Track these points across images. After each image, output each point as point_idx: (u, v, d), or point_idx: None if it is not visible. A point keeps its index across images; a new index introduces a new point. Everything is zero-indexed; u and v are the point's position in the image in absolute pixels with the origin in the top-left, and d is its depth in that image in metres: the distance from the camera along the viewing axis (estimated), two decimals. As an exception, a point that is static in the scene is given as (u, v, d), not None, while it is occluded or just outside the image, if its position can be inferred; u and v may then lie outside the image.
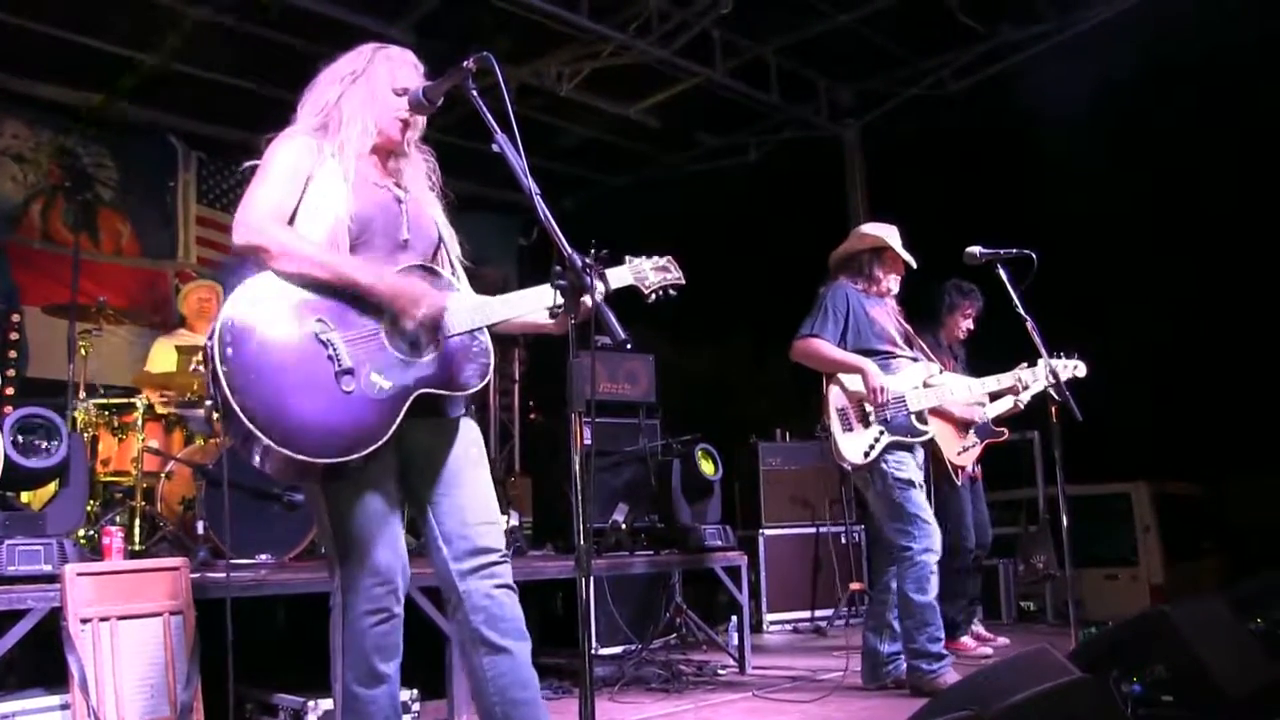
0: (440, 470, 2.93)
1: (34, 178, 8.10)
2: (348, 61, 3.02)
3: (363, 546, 2.79)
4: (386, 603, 2.80)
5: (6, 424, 4.23)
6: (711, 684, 5.41)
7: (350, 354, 2.71)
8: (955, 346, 6.46)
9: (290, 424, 2.59)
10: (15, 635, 3.73)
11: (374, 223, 2.88)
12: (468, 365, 2.88)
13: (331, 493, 2.79)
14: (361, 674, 2.79)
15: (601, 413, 6.77)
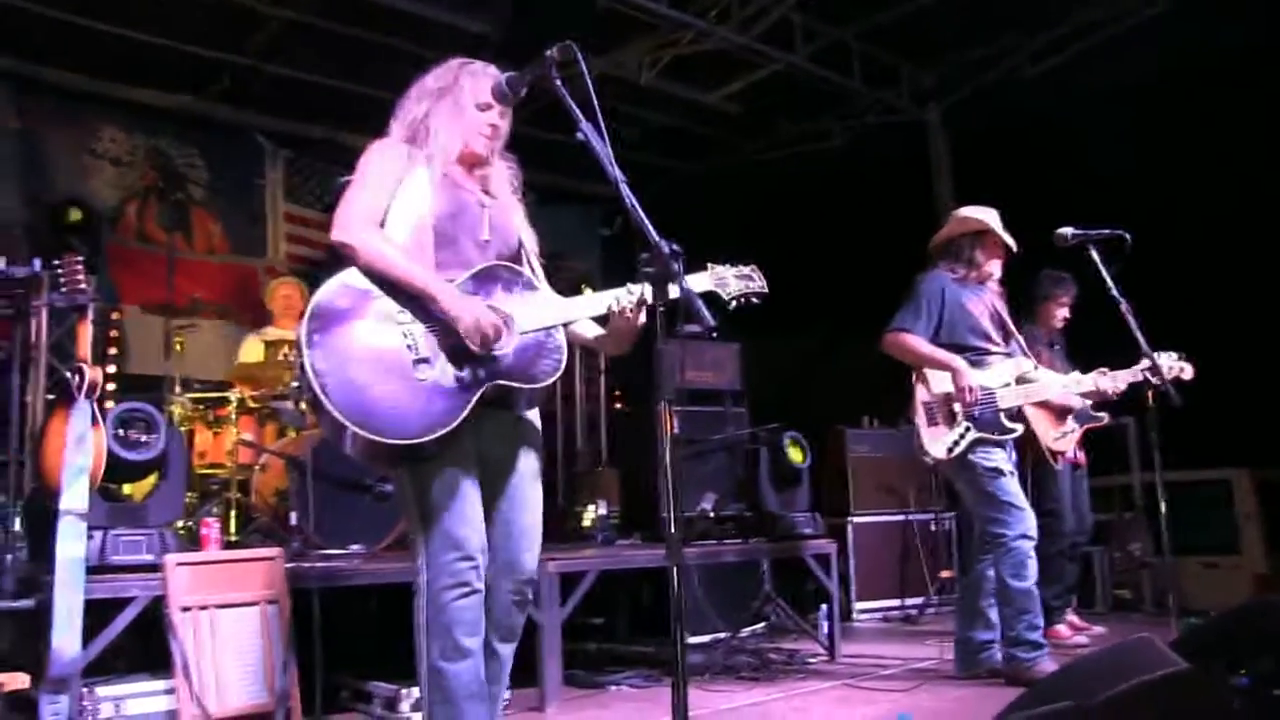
0: (505, 483, 3.09)
1: (130, 180, 8.30)
2: (435, 78, 3.20)
3: (445, 523, 2.90)
4: (468, 577, 2.89)
5: (109, 419, 4.33)
6: (802, 672, 5.38)
7: (427, 344, 2.88)
8: (1052, 336, 6.33)
9: (368, 408, 2.76)
10: (122, 622, 3.86)
11: (455, 224, 3.06)
12: (540, 360, 3.02)
13: (415, 473, 2.92)
14: (446, 648, 2.88)
15: (688, 401, 6.76)
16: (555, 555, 5.10)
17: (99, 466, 4.12)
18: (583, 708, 4.75)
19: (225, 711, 3.91)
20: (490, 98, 3.09)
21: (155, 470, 4.55)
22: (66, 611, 3.61)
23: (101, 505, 4.17)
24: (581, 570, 5.01)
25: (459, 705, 2.88)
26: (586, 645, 5.92)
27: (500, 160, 3.28)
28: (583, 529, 6.88)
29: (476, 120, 3.13)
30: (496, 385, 2.92)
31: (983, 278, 5.06)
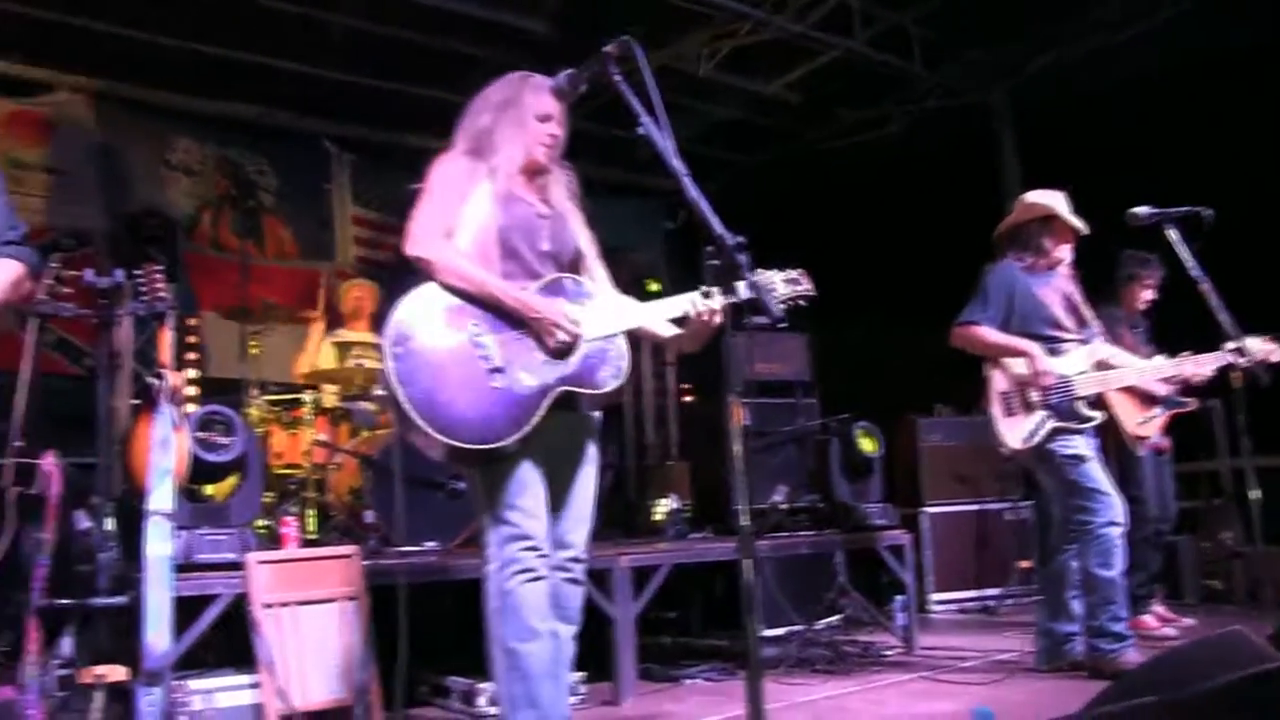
0: (564, 471, 3.28)
1: (203, 189, 8.46)
2: (498, 90, 3.36)
3: (512, 515, 3.09)
4: (534, 564, 3.07)
5: (191, 422, 4.44)
6: (878, 665, 5.35)
7: (501, 354, 3.07)
8: (1135, 318, 6.21)
9: (446, 414, 2.97)
10: (208, 618, 3.97)
11: (517, 235, 3.22)
12: (604, 367, 3.21)
13: (487, 469, 3.12)
14: (519, 630, 3.04)
15: (757, 393, 6.76)
16: (628, 550, 5.14)
17: (182, 468, 4.23)
18: (658, 701, 4.77)
19: (308, 705, 3.99)
20: (551, 109, 3.26)
21: (235, 471, 4.66)
22: (156, 608, 3.71)
23: (186, 506, 4.29)
24: (654, 564, 5.04)
25: (534, 682, 3.02)
26: (661, 639, 5.94)
27: (559, 169, 3.43)
28: (654, 523, 6.90)
29: (538, 131, 3.28)
30: (564, 391, 3.11)
31: (1052, 264, 4.98)
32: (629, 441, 9.29)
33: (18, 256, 2.70)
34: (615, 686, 4.75)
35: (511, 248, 3.20)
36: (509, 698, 3.05)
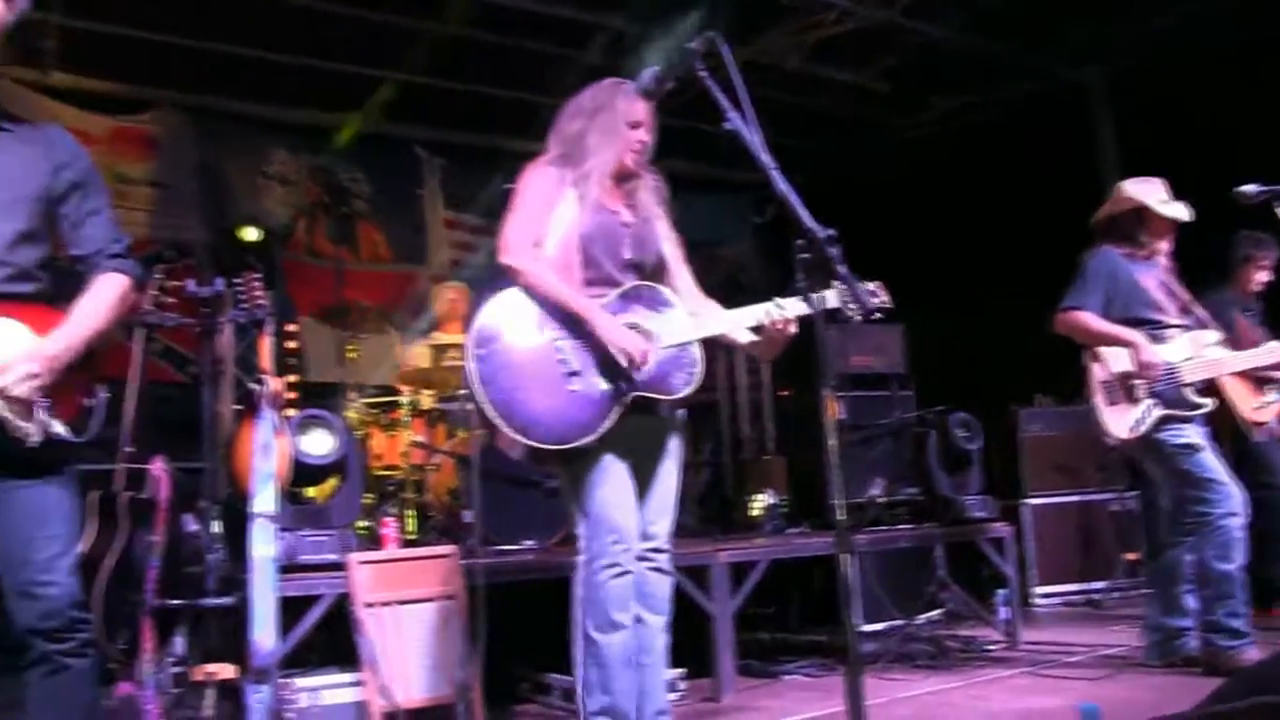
0: (648, 466, 3.37)
1: (298, 198, 8.64)
2: (590, 96, 3.45)
3: (601, 511, 3.22)
4: (622, 559, 3.20)
5: (291, 426, 4.53)
6: (981, 660, 5.27)
7: (578, 358, 3.20)
8: (1248, 301, 6.00)
9: (524, 414, 3.13)
10: (311, 618, 4.06)
11: (599, 244, 3.33)
12: (677, 373, 3.31)
13: (573, 468, 3.26)
14: (601, 622, 3.18)
15: (852, 386, 6.72)
16: (725, 546, 5.13)
17: (284, 472, 4.32)
18: (757, 697, 4.76)
19: (411, 703, 4.05)
20: (641, 116, 3.36)
21: (335, 473, 4.74)
22: (263, 608, 3.80)
23: (288, 508, 4.38)
24: (752, 560, 5.03)
25: (610, 670, 3.17)
26: (759, 635, 5.92)
27: (647, 174, 3.50)
28: (752, 519, 6.88)
29: (629, 138, 3.37)
30: (637, 396, 3.22)
31: (1151, 255, 4.86)
32: (725, 437, 9.28)
33: (121, 269, 2.78)
34: (714, 682, 4.75)
35: (592, 256, 3.31)
36: (584, 681, 3.21)
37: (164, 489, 4.16)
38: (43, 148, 2.72)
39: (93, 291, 2.73)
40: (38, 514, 2.58)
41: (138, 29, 7.05)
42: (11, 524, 2.57)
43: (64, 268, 2.80)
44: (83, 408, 2.68)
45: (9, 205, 2.62)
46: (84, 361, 2.71)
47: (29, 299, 2.63)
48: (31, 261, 2.66)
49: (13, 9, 2.57)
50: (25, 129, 2.74)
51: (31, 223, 2.65)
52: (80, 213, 2.76)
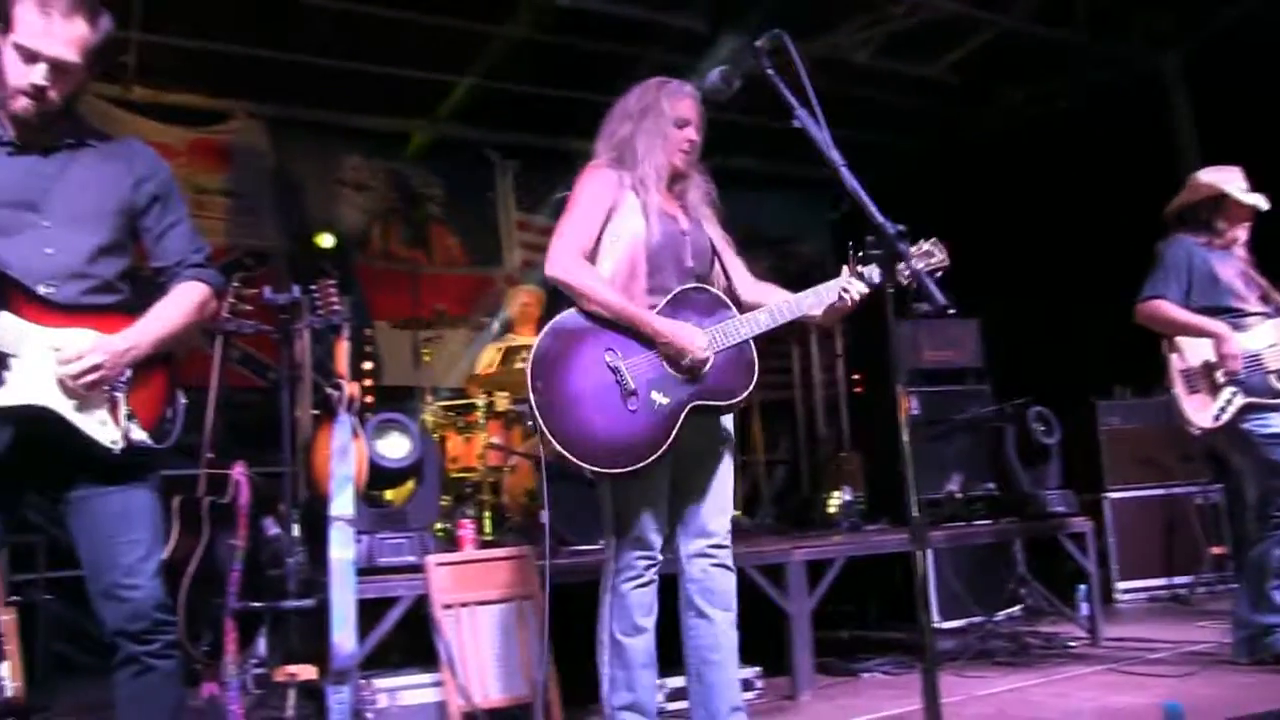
0: (701, 470, 3.41)
1: (373, 203, 8.76)
2: (636, 98, 3.46)
3: (635, 528, 3.29)
4: (647, 573, 3.31)
5: (368, 430, 4.59)
6: (1062, 657, 5.20)
7: (634, 377, 3.21)
8: None
9: (588, 442, 3.14)
10: (390, 620, 4.11)
11: (665, 253, 3.35)
12: (735, 377, 3.33)
13: (622, 490, 3.30)
14: (626, 626, 3.29)
15: (927, 381, 6.66)
16: (801, 544, 5.11)
17: (362, 475, 4.38)
18: (835, 695, 4.74)
19: (489, 703, 4.08)
20: (689, 114, 3.37)
21: (412, 476, 4.79)
22: (342, 610, 3.86)
23: (366, 511, 4.44)
24: (829, 558, 5.00)
25: (633, 671, 3.29)
26: (838, 633, 5.89)
27: (697, 175, 3.52)
28: (829, 516, 6.85)
29: (677, 138, 3.39)
30: (696, 406, 3.24)
31: (1228, 244, 4.76)
32: (801, 435, 9.24)
33: (201, 278, 2.84)
34: (792, 681, 4.73)
35: (658, 265, 3.33)
36: (611, 679, 3.32)
37: (244, 493, 4.24)
38: (124, 162, 2.78)
39: (169, 297, 2.79)
40: (123, 519, 2.65)
41: (213, 42, 7.19)
42: (98, 529, 2.64)
43: (148, 279, 2.87)
44: (164, 415, 2.74)
45: (91, 219, 2.68)
46: (164, 369, 2.77)
47: (109, 310, 2.69)
48: (112, 273, 2.72)
49: (97, 31, 2.63)
50: (107, 144, 2.80)
51: (113, 236, 2.72)
52: (161, 225, 2.82)
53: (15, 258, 2.56)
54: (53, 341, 2.55)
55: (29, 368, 2.52)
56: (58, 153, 2.69)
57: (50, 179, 2.66)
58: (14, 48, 2.55)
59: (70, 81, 2.62)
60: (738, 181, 9.65)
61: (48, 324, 2.56)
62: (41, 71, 2.55)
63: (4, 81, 2.58)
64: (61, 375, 2.52)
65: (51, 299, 2.59)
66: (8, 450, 2.55)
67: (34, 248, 2.60)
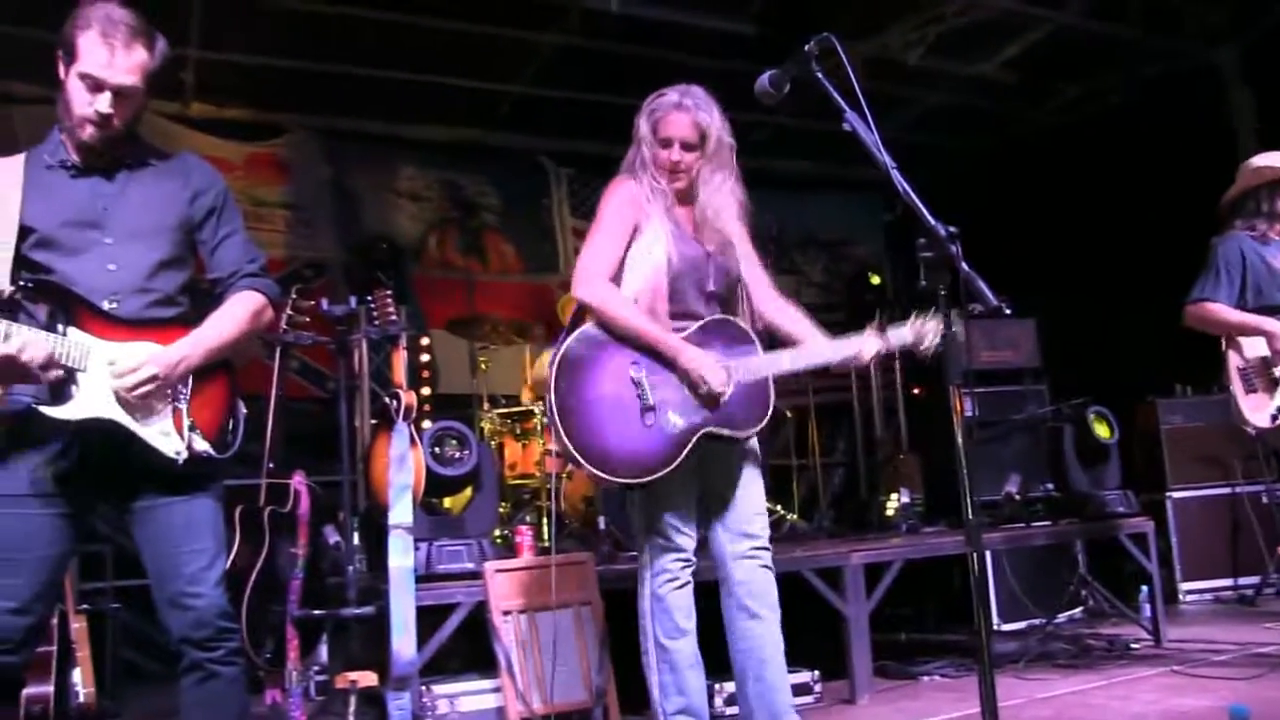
0: (729, 476, 3.43)
1: (428, 213, 8.83)
2: (638, 120, 3.48)
3: (665, 531, 3.33)
4: (683, 574, 3.34)
5: (425, 438, 4.65)
6: (1124, 659, 5.13)
7: (654, 394, 3.24)
8: None
9: (601, 449, 3.17)
10: (450, 626, 4.15)
11: (687, 280, 3.37)
12: (750, 411, 3.35)
13: (648, 494, 3.32)
14: (669, 629, 3.32)
15: (984, 382, 6.62)
16: (859, 546, 5.09)
17: (420, 483, 4.44)
18: (894, 699, 4.71)
19: (548, 709, 4.11)
20: (671, 132, 3.36)
21: (470, 484, 4.84)
22: (402, 617, 3.90)
23: (424, 519, 4.49)
24: (886, 560, 4.98)
25: (682, 673, 3.31)
26: (896, 636, 5.86)
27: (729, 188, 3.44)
28: (887, 519, 6.82)
29: (661, 159, 3.39)
30: (709, 433, 3.27)
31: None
32: (858, 437, 9.20)
33: (255, 287, 2.90)
34: (850, 684, 4.71)
35: (679, 290, 3.35)
36: (661, 685, 3.33)
37: (304, 503, 4.31)
38: (181, 177, 2.85)
39: (223, 307, 2.85)
40: (186, 529, 2.71)
41: (267, 57, 7.30)
42: (162, 538, 2.70)
43: (206, 290, 2.93)
44: (225, 424, 2.80)
45: (150, 235, 2.75)
46: (225, 379, 2.83)
47: (170, 323, 2.75)
48: (173, 287, 2.79)
49: (155, 57, 2.71)
50: (164, 161, 2.87)
51: (172, 250, 2.79)
52: (217, 237, 2.89)
53: (81, 275, 2.64)
54: (115, 356, 2.61)
55: (96, 382, 2.58)
56: (118, 173, 2.76)
57: (111, 198, 2.73)
58: (79, 77, 2.62)
59: (132, 106, 2.70)
60: (790, 184, 9.68)
61: (112, 338, 2.62)
62: (107, 100, 2.63)
63: (70, 111, 2.66)
64: (116, 387, 2.58)
65: (115, 314, 2.66)
66: (76, 462, 2.62)
67: (98, 265, 2.67)
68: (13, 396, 2.65)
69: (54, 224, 2.65)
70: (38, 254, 2.64)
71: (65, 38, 2.64)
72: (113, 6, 2.67)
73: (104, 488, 2.71)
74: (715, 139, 3.38)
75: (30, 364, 2.48)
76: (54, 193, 2.68)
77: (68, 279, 2.63)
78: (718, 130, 3.39)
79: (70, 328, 2.57)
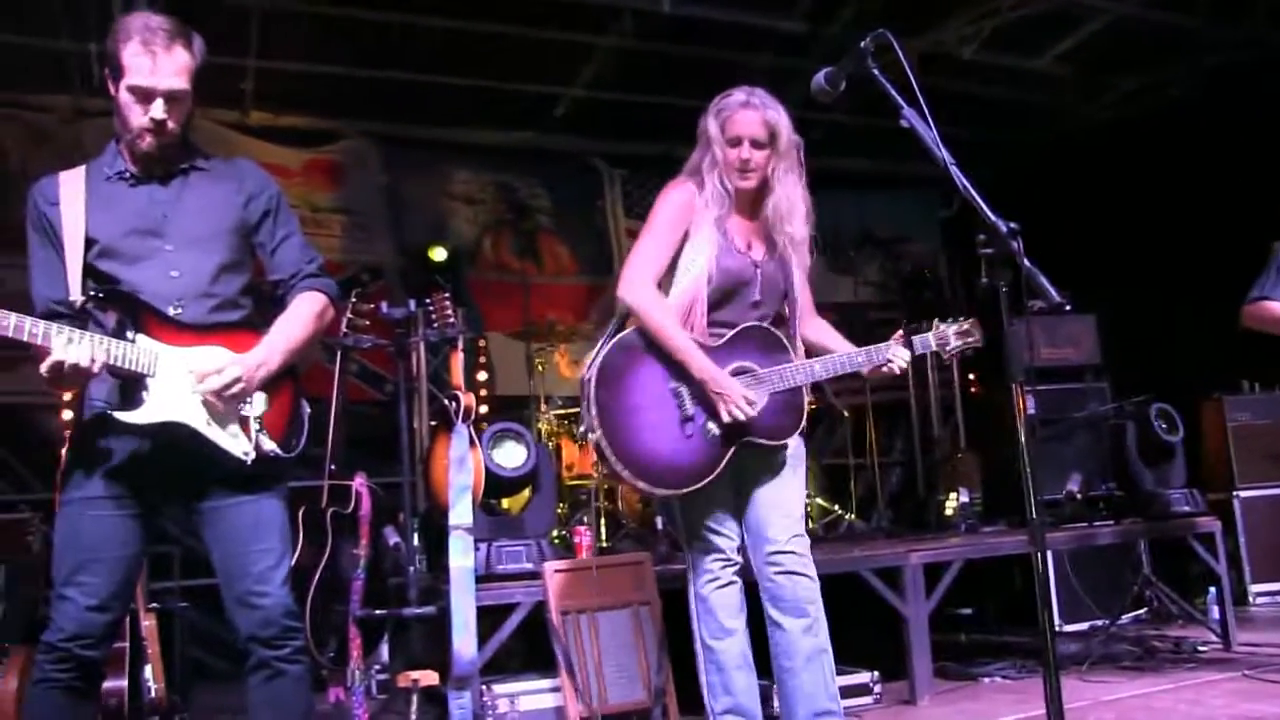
0: (764, 483, 3.38)
1: (483, 216, 8.88)
2: (701, 120, 3.41)
3: (706, 536, 3.34)
4: (725, 575, 3.34)
5: (484, 439, 4.68)
6: (1192, 662, 5.06)
7: (692, 404, 3.24)
8: None
9: (640, 459, 3.19)
10: (510, 626, 4.19)
11: (729, 289, 3.34)
12: (785, 419, 3.35)
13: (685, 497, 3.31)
14: (714, 629, 3.33)
15: (1044, 379, 6.55)
16: (918, 546, 5.06)
17: (479, 484, 4.46)
18: (954, 700, 4.68)
19: (607, 708, 4.12)
20: (742, 130, 3.30)
21: (528, 484, 4.86)
22: (462, 617, 3.93)
23: (484, 519, 4.52)
24: (946, 560, 4.95)
25: (729, 673, 3.32)
26: (956, 636, 5.81)
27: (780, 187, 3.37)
28: (945, 517, 6.77)
29: (730, 158, 3.33)
30: (746, 442, 3.27)
31: None
32: (916, 436, 9.14)
33: (315, 287, 2.94)
34: (910, 685, 4.69)
35: (721, 300, 3.33)
36: (709, 685, 3.36)
37: (365, 504, 4.35)
38: (235, 181, 2.90)
39: (289, 310, 2.89)
40: (253, 529, 2.75)
41: (325, 65, 7.37)
42: (230, 538, 2.75)
43: (267, 293, 2.97)
44: (291, 425, 2.84)
45: (209, 240, 2.80)
46: (289, 380, 2.87)
47: (234, 326, 2.80)
48: (234, 290, 2.83)
49: (196, 55, 2.74)
50: (220, 165, 2.92)
51: (231, 254, 2.83)
52: (275, 239, 2.93)
53: (145, 282, 2.69)
54: (185, 360, 2.65)
55: (164, 386, 2.62)
56: (173, 179, 2.81)
57: (169, 205, 2.78)
58: (129, 90, 2.67)
59: (183, 108, 2.74)
60: (847, 182, 9.61)
61: (178, 343, 2.67)
62: (160, 107, 2.67)
63: (126, 124, 2.71)
64: (203, 391, 2.62)
65: (180, 319, 2.70)
66: (147, 465, 2.67)
67: (160, 271, 2.72)
68: (88, 402, 2.71)
69: (116, 234, 2.71)
70: (103, 264, 2.70)
71: (109, 55, 2.70)
72: (147, 15, 2.72)
73: (173, 489, 2.76)
74: (785, 137, 3.35)
75: (98, 370, 2.52)
76: (115, 203, 2.74)
77: (133, 287, 2.68)
78: (787, 129, 3.36)
79: (139, 334, 2.62)
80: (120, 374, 2.60)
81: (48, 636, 2.62)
